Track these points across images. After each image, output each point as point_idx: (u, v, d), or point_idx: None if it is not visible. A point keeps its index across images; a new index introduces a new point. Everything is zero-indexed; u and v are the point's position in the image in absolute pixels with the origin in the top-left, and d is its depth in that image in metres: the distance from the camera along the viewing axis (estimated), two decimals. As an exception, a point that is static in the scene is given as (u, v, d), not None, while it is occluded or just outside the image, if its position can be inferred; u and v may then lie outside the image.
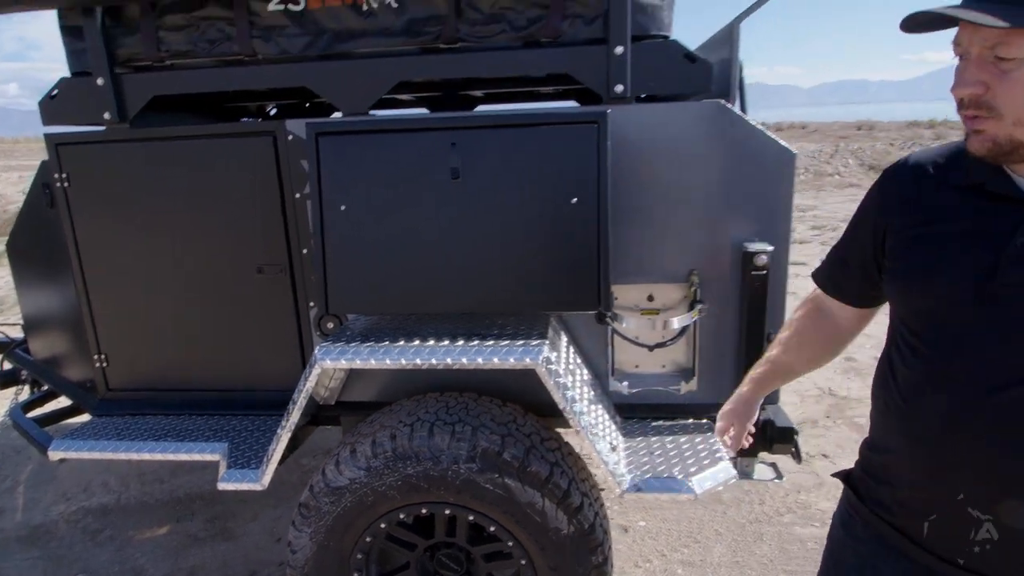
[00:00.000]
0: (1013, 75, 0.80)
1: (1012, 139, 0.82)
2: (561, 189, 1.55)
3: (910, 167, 1.01)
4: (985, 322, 0.87)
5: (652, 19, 1.68)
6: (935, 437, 0.92)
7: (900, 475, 0.99)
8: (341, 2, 1.75)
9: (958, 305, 0.89)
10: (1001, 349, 0.85)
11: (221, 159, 1.87)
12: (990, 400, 0.86)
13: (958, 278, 0.89)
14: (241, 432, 1.99)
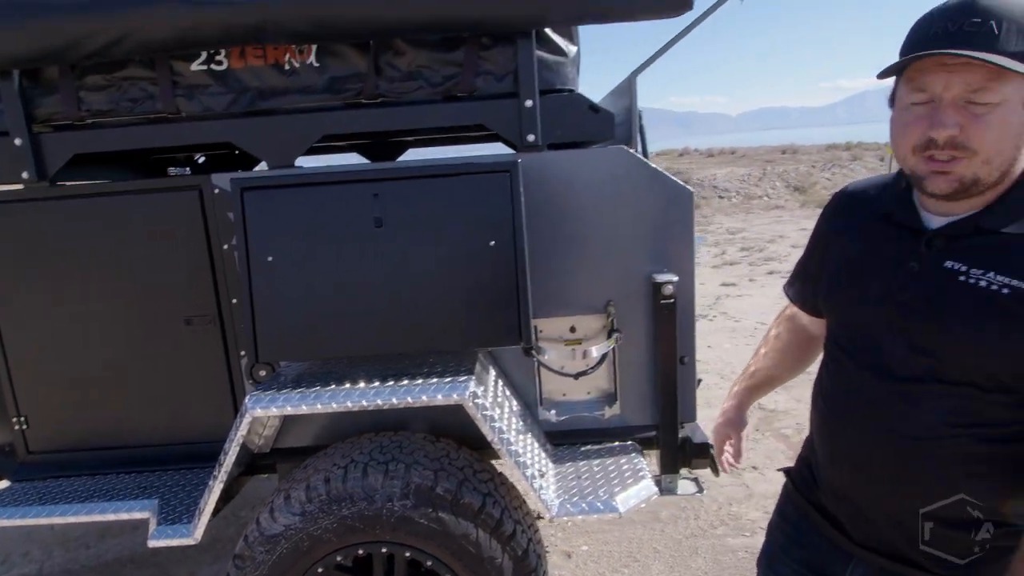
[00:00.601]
0: (986, 118, 0.88)
1: (976, 177, 0.91)
2: (480, 233, 1.66)
3: (847, 195, 1.18)
4: (891, 336, 1.00)
5: (557, 75, 1.83)
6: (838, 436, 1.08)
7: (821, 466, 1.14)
8: (263, 61, 1.83)
9: (871, 322, 1.03)
10: (903, 360, 0.99)
11: (146, 214, 1.89)
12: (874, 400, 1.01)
13: (871, 298, 1.03)
14: (172, 487, 1.96)
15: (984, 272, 0.92)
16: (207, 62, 1.83)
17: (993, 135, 0.88)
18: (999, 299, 0.90)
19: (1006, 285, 0.89)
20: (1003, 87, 0.86)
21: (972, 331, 0.92)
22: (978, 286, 0.92)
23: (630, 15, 1.68)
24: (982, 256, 0.93)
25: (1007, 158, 0.90)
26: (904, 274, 0.99)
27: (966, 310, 0.92)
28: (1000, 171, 0.92)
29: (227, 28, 1.66)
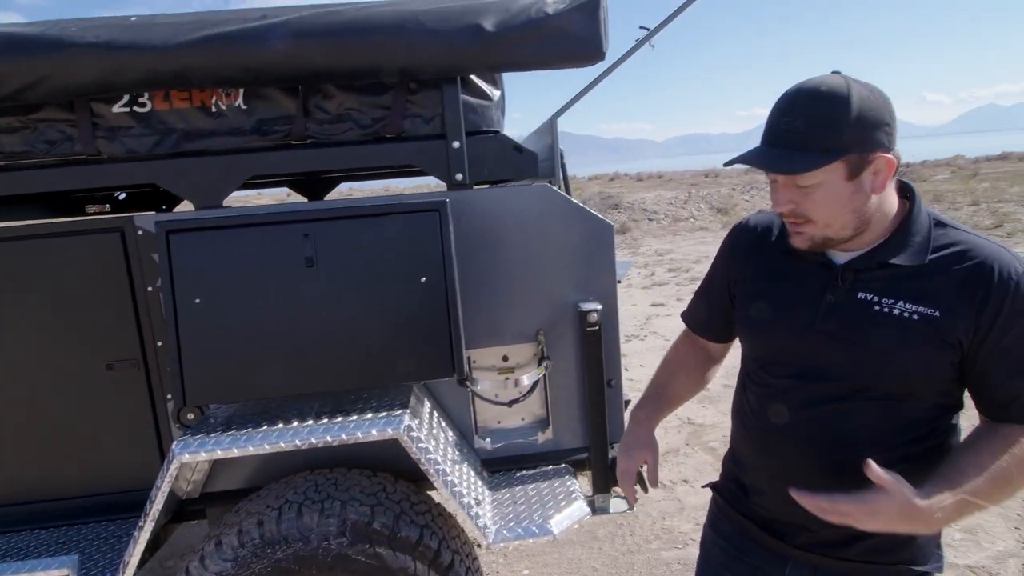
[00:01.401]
0: (813, 195, 1.06)
1: (825, 236, 1.09)
2: (411, 269, 1.71)
3: (751, 227, 1.30)
4: (806, 360, 1.14)
5: (482, 118, 1.93)
6: (772, 450, 1.20)
7: (753, 480, 1.25)
8: (189, 104, 1.83)
9: (799, 349, 1.15)
10: (829, 381, 1.12)
11: (65, 256, 1.84)
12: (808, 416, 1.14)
13: (796, 328, 1.15)
14: (95, 541, 1.88)
15: (894, 301, 1.06)
16: (129, 104, 1.82)
17: (821, 208, 1.06)
18: (911, 324, 1.04)
19: (915, 312, 1.04)
20: (819, 172, 1.02)
21: (891, 353, 1.05)
22: (892, 314, 1.06)
23: (547, 65, 1.80)
24: (889, 286, 1.08)
25: (846, 221, 1.07)
26: (824, 305, 1.12)
27: (884, 335, 1.06)
28: (851, 228, 1.08)
29: (150, 73, 1.67)
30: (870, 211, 1.07)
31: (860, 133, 1.01)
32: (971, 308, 1.02)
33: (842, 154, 1.01)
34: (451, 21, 1.70)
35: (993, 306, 1.01)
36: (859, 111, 1.00)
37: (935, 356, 1.04)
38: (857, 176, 1.03)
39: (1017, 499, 3.09)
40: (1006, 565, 2.62)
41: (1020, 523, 2.90)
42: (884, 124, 1.03)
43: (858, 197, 1.05)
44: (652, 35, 2.06)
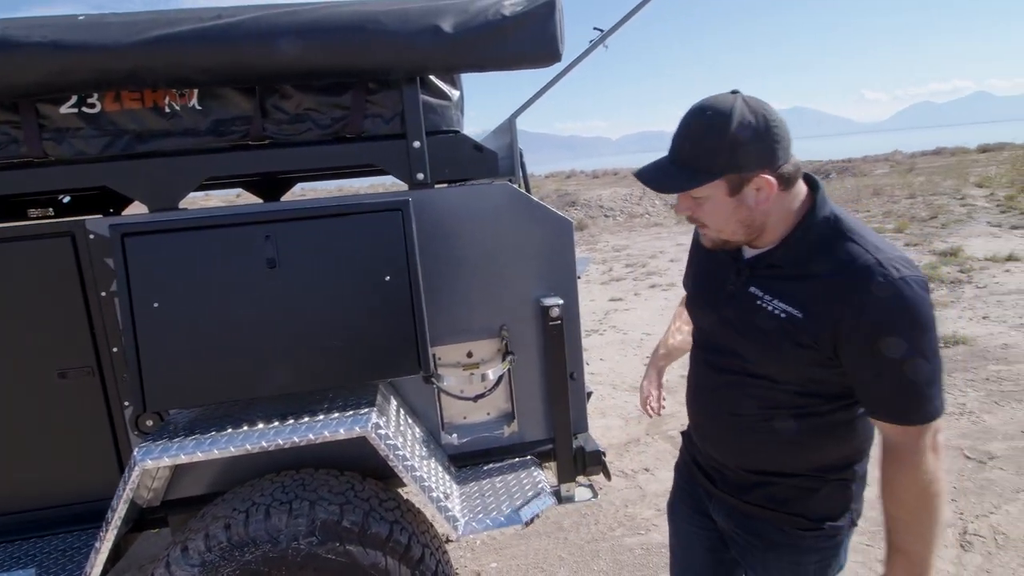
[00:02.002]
0: (703, 206, 1.19)
1: (722, 239, 1.24)
2: (374, 269, 1.73)
3: None
4: (712, 336, 1.36)
5: (442, 118, 1.95)
6: (694, 405, 1.44)
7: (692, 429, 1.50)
8: (141, 104, 1.80)
9: (707, 327, 1.38)
10: (724, 358, 1.32)
11: (11, 261, 1.77)
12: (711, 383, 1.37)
13: (707, 309, 1.37)
14: (51, 554, 1.82)
15: (772, 299, 1.21)
16: (77, 105, 1.77)
17: (711, 218, 1.21)
18: (780, 321, 1.18)
19: (784, 311, 1.18)
20: (704, 188, 1.16)
21: (763, 343, 1.21)
22: (767, 309, 1.21)
23: (505, 66, 1.84)
24: (771, 286, 1.22)
25: (735, 229, 1.21)
26: (725, 293, 1.31)
27: (761, 326, 1.21)
28: (742, 234, 1.22)
29: (101, 73, 1.63)
30: (759, 220, 1.19)
31: (735, 157, 1.11)
32: (832, 317, 1.11)
33: (719, 175, 1.13)
34: (411, 22, 1.72)
35: (852, 318, 1.09)
36: (735, 137, 1.09)
37: (794, 352, 1.17)
38: (738, 193, 1.15)
39: (951, 472, 3.30)
40: (944, 534, 2.80)
41: (955, 495, 3.11)
42: (767, 146, 1.11)
43: (741, 210, 1.17)
44: (606, 36, 2.12)
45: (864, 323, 1.08)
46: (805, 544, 1.30)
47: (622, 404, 4.54)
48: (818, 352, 1.14)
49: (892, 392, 1.11)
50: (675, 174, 1.15)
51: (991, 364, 4.71)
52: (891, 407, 1.13)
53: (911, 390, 1.09)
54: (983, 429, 3.75)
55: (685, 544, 1.57)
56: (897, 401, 1.11)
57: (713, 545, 1.50)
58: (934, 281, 7.19)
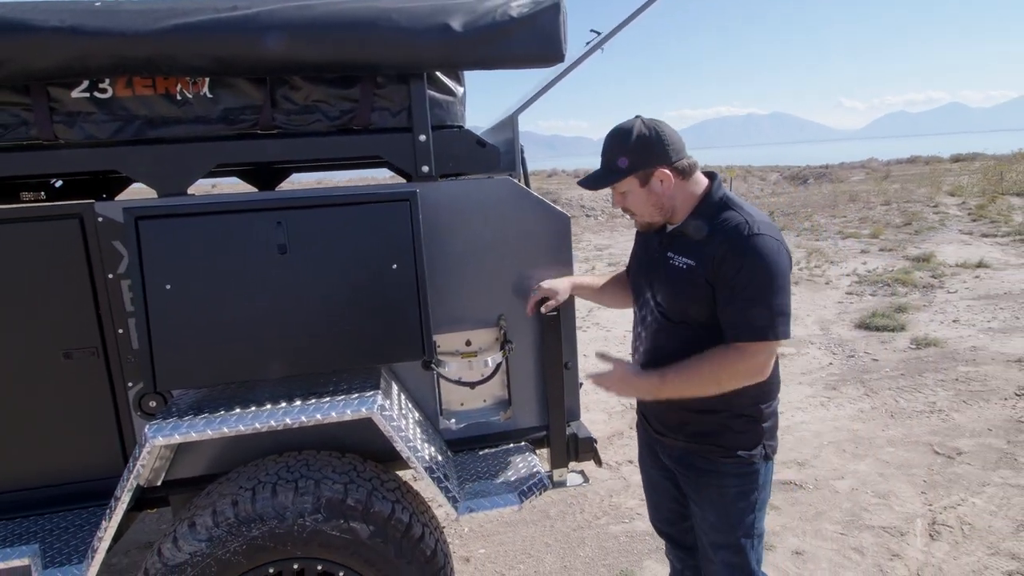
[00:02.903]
0: (628, 197, 1.63)
1: (648, 222, 1.67)
2: (382, 257, 1.78)
3: None
4: (646, 296, 1.71)
5: (447, 112, 2.01)
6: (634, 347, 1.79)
7: None
8: (153, 91, 1.83)
9: (639, 287, 1.75)
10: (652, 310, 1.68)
11: (21, 242, 1.79)
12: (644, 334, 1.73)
13: (640, 272, 1.76)
14: (53, 531, 1.85)
15: (679, 256, 1.59)
16: (89, 89, 1.80)
17: (635, 205, 1.63)
18: (683, 272, 1.57)
19: (685, 263, 1.57)
20: (622, 185, 1.59)
21: (675, 290, 1.59)
22: (676, 265, 1.60)
23: (510, 64, 1.90)
24: (680, 247, 1.61)
25: (654, 211, 1.62)
26: (652, 258, 1.70)
27: (673, 280, 1.60)
28: (660, 215, 1.63)
29: (117, 59, 1.66)
30: (667, 204, 1.60)
31: (639, 157, 1.55)
32: (713, 260, 1.50)
33: (629, 172, 1.56)
34: (421, 19, 1.78)
35: (720, 256, 1.48)
36: (636, 143, 1.54)
37: (695, 293, 1.54)
38: (647, 184, 1.58)
39: (921, 466, 3.46)
40: (914, 524, 2.95)
41: (925, 488, 3.25)
42: (659, 148, 1.54)
43: (652, 197, 1.59)
44: (606, 39, 2.20)
45: (726, 260, 1.47)
46: (724, 470, 1.63)
47: (605, 399, 4.64)
48: (709, 291, 1.51)
49: (735, 315, 1.47)
50: (601, 176, 1.61)
51: (960, 365, 4.90)
52: (732, 328, 1.48)
53: (748, 315, 1.45)
54: (952, 426, 3.92)
55: (652, 486, 1.93)
56: (736, 323, 1.48)
57: (674, 483, 1.82)
58: (907, 285, 7.42)
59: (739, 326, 1.47)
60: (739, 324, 1.47)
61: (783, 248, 1.49)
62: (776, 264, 1.45)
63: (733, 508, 1.63)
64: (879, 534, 2.88)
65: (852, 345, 5.58)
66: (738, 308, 1.47)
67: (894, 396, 4.44)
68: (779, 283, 1.45)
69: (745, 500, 1.63)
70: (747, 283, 1.45)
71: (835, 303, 7.01)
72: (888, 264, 8.70)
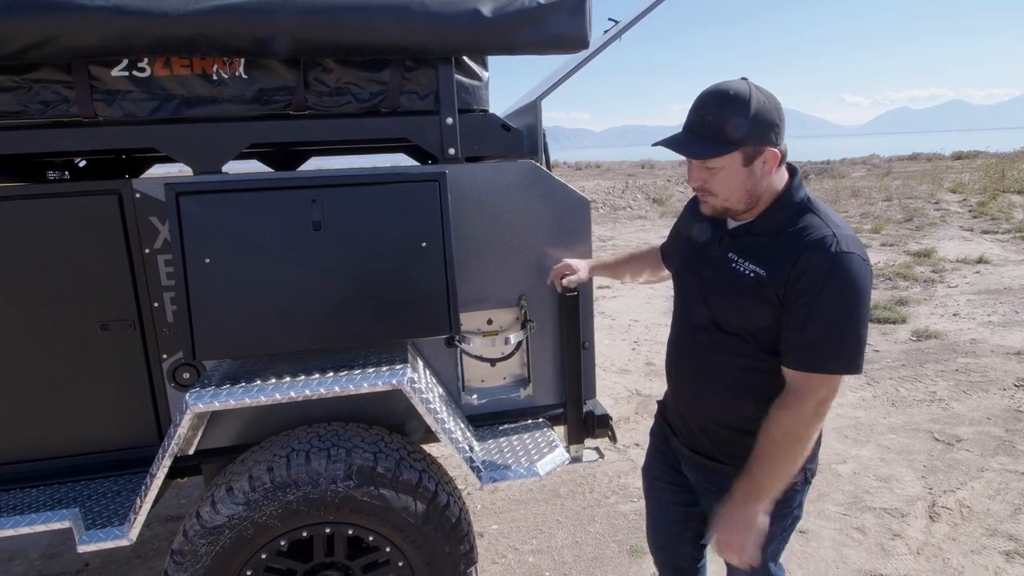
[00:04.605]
0: (718, 175, 1.36)
1: (724, 207, 1.41)
2: (412, 235, 1.84)
3: (694, 198, 1.60)
4: (691, 298, 1.51)
5: (473, 96, 2.07)
6: (672, 367, 1.60)
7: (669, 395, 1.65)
8: (190, 71, 1.88)
9: (687, 287, 1.53)
10: (699, 314, 1.49)
11: (62, 217, 1.85)
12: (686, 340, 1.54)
13: (690, 270, 1.54)
14: (91, 496, 1.92)
15: (745, 261, 1.38)
16: (128, 68, 1.85)
17: (723, 186, 1.36)
18: (749, 280, 1.36)
19: (753, 271, 1.36)
20: (723, 158, 1.32)
21: (735, 299, 1.39)
22: (739, 270, 1.39)
23: (536, 50, 1.96)
24: (746, 250, 1.39)
25: (741, 197, 1.37)
26: (708, 258, 1.48)
27: (732, 285, 1.39)
28: (744, 203, 1.39)
29: (159, 40, 1.71)
30: (759, 191, 1.37)
31: (755, 131, 1.29)
32: (789, 274, 1.30)
33: (740, 146, 1.30)
34: (452, 4, 1.83)
35: (799, 272, 1.29)
36: (756, 113, 1.28)
37: (759, 307, 1.35)
38: (751, 164, 1.33)
39: (922, 452, 3.54)
40: (914, 507, 3.03)
41: (925, 473, 3.34)
42: (775, 125, 1.32)
43: (750, 180, 1.35)
44: (625, 29, 2.25)
45: (805, 277, 1.27)
46: None
47: (611, 385, 4.71)
48: (777, 307, 1.32)
49: (807, 341, 1.28)
50: (703, 144, 1.32)
51: (960, 357, 4.98)
52: (800, 354, 1.30)
53: (822, 343, 1.27)
54: (951, 415, 4.00)
55: (656, 506, 1.75)
56: (806, 349, 1.29)
57: (685, 500, 1.67)
58: (908, 279, 7.49)
59: (810, 354, 1.28)
60: (811, 351, 1.28)
61: (870, 271, 1.29)
62: (863, 290, 1.26)
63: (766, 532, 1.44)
64: (880, 515, 2.97)
65: (854, 336, 5.65)
66: (812, 334, 1.27)
67: (895, 385, 4.52)
68: (862, 312, 1.27)
69: (779, 523, 1.48)
70: (827, 308, 1.25)
71: (837, 296, 7.09)
72: (889, 259, 8.78)
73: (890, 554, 2.69)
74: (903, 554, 2.69)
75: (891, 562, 2.64)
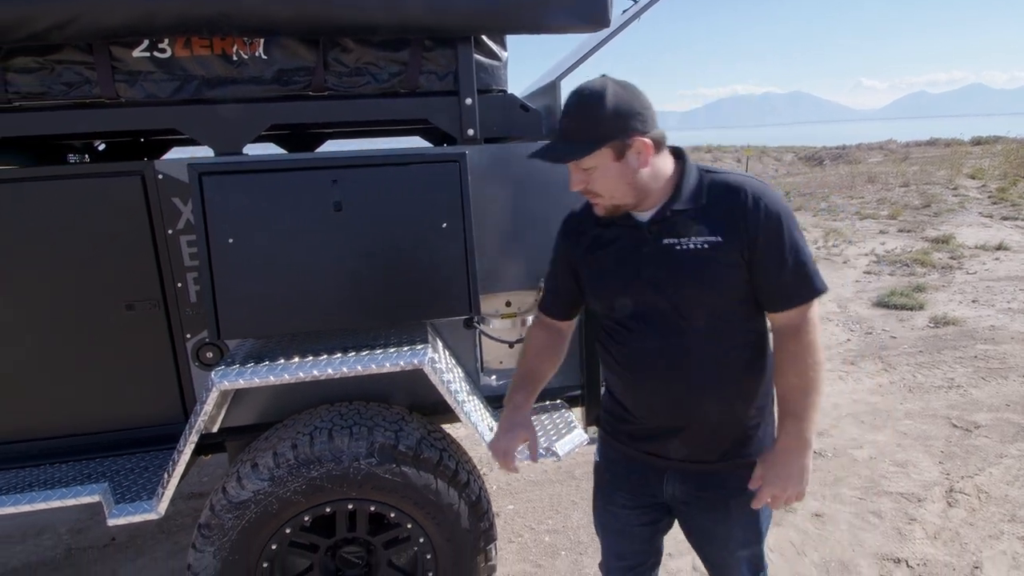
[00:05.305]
0: (594, 175, 1.30)
1: (615, 205, 1.34)
2: (432, 215, 1.85)
3: (575, 214, 1.51)
4: (644, 304, 1.36)
5: (492, 77, 2.06)
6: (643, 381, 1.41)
7: (634, 409, 1.46)
8: (210, 51, 1.88)
9: (635, 299, 1.37)
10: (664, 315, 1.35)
11: (87, 198, 1.87)
12: (657, 348, 1.36)
13: (627, 282, 1.37)
14: (119, 472, 1.96)
15: (690, 238, 1.32)
16: (149, 49, 1.86)
17: (603, 184, 1.31)
18: (705, 252, 1.30)
19: (704, 242, 1.30)
20: (592, 159, 1.28)
21: (696, 278, 1.31)
22: (691, 248, 1.31)
23: (557, 29, 1.94)
24: (682, 228, 1.32)
25: (626, 191, 1.31)
26: (641, 257, 1.36)
27: (694, 265, 1.31)
28: (632, 196, 1.32)
29: (182, 19, 1.71)
30: (644, 180, 1.31)
31: (616, 124, 1.26)
32: (740, 229, 1.29)
33: (606, 141, 1.26)
34: (472, -18, 1.82)
35: (752, 223, 1.28)
36: (614, 107, 1.25)
37: (725, 273, 1.30)
38: (623, 157, 1.28)
39: (939, 438, 3.52)
40: (932, 491, 3.02)
41: (943, 458, 3.32)
42: (636, 114, 1.27)
43: (628, 172, 1.30)
44: (645, 8, 2.22)
45: (757, 226, 1.29)
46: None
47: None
48: (743, 267, 1.30)
49: (792, 276, 1.30)
50: (569, 147, 1.29)
51: (979, 344, 4.93)
52: (794, 291, 1.31)
53: (803, 270, 1.30)
54: (970, 401, 3.97)
55: (619, 532, 1.59)
56: (797, 283, 1.31)
57: (653, 518, 1.55)
58: (925, 266, 7.40)
59: (799, 286, 1.31)
60: (798, 284, 1.30)
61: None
62: (792, 212, 1.33)
63: (761, 515, 1.47)
64: (897, 500, 2.96)
65: (870, 322, 5.61)
66: (791, 268, 1.29)
67: (912, 371, 4.48)
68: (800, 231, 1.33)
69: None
70: (787, 240, 1.29)
71: (853, 282, 7.02)
72: (906, 245, 8.67)
73: (907, 538, 2.69)
74: (920, 538, 2.69)
75: (908, 546, 2.64)
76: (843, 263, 7.90)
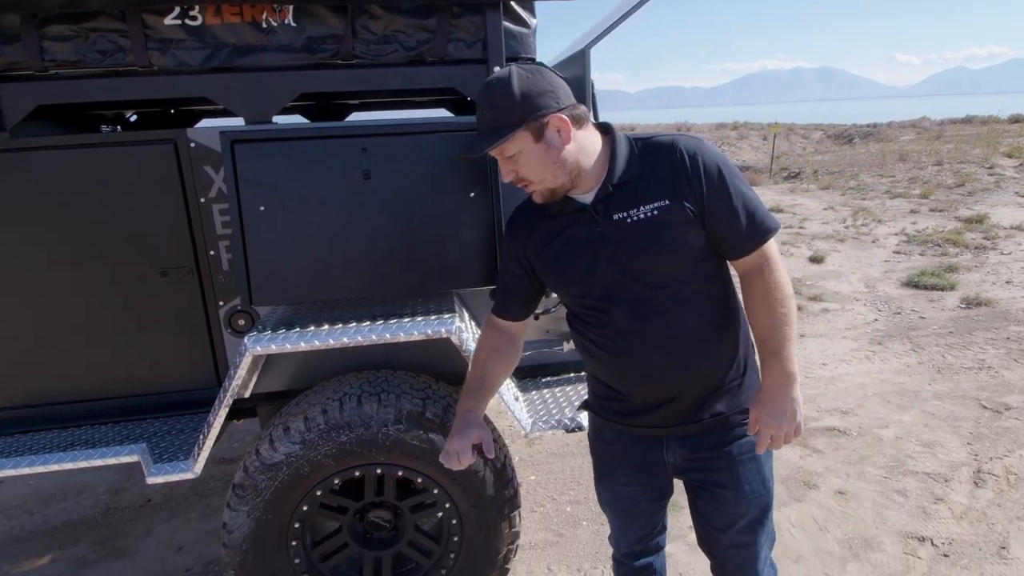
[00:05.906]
0: (520, 161, 1.30)
1: (550, 188, 1.33)
2: (460, 184, 1.85)
3: (521, 209, 1.48)
4: (609, 286, 1.34)
5: (521, 44, 2.03)
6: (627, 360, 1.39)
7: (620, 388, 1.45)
8: (240, 19, 1.88)
9: (599, 282, 1.35)
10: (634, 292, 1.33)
11: (119, 168, 1.91)
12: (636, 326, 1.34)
13: (586, 266, 1.35)
14: (156, 433, 2.03)
15: (638, 207, 1.30)
16: (181, 16, 1.86)
17: (531, 169, 1.30)
18: (657, 217, 1.29)
19: (654, 208, 1.29)
20: (512, 144, 1.28)
21: (656, 245, 1.30)
22: (641, 218, 1.30)
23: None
24: (629, 200, 1.31)
25: (555, 171, 1.30)
26: (595, 241, 1.34)
27: (649, 234, 1.30)
28: (564, 175, 1.31)
29: (212, -16, 1.71)
30: (572, 158, 1.30)
31: (527, 105, 1.25)
32: (684, 187, 1.29)
33: (520, 124, 1.25)
34: (503, -54, 1.78)
35: (695, 178, 1.29)
36: (521, 89, 1.25)
37: (681, 233, 1.30)
38: (542, 138, 1.27)
39: (968, 419, 3.47)
40: (959, 472, 2.99)
41: (971, 440, 3.27)
42: (545, 91, 1.27)
43: (552, 152, 1.28)
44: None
45: (701, 180, 1.29)
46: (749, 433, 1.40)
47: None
48: (698, 222, 1.30)
49: (746, 221, 1.30)
50: (487, 137, 1.29)
51: (1012, 325, 4.81)
52: (749, 235, 1.31)
53: (754, 213, 1.31)
54: (1001, 383, 3.89)
55: (625, 511, 1.61)
56: (751, 227, 1.31)
57: (658, 493, 1.57)
58: (958, 246, 7.21)
59: (755, 229, 1.31)
60: (753, 227, 1.31)
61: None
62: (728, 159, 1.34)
63: (766, 465, 1.47)
64: (923, 479, 2.93)
65: (899, 303, 5.50)
66: (743, 213, 1.30)
67: (941, 352, 4.40)
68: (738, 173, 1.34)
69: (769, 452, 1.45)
70: (731, 186, 1.29)
71: (882, 261, 6.88)
72: (938, 224, 8.44)
73: (932, 517, 2.67)
74: (945, 518, 2.66)
75: (932, 525, 2.62)
76: (872, 242, 7.74)
